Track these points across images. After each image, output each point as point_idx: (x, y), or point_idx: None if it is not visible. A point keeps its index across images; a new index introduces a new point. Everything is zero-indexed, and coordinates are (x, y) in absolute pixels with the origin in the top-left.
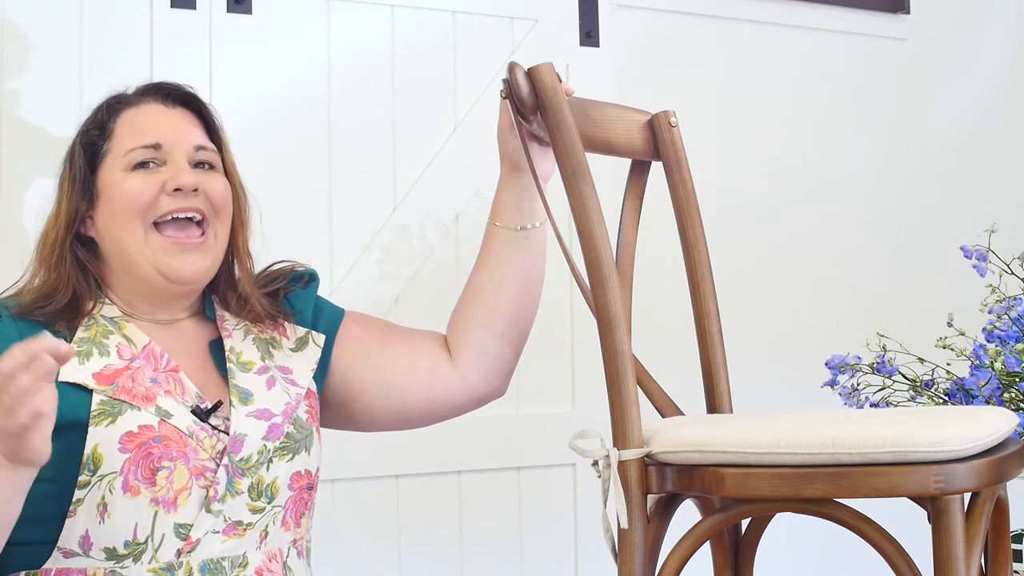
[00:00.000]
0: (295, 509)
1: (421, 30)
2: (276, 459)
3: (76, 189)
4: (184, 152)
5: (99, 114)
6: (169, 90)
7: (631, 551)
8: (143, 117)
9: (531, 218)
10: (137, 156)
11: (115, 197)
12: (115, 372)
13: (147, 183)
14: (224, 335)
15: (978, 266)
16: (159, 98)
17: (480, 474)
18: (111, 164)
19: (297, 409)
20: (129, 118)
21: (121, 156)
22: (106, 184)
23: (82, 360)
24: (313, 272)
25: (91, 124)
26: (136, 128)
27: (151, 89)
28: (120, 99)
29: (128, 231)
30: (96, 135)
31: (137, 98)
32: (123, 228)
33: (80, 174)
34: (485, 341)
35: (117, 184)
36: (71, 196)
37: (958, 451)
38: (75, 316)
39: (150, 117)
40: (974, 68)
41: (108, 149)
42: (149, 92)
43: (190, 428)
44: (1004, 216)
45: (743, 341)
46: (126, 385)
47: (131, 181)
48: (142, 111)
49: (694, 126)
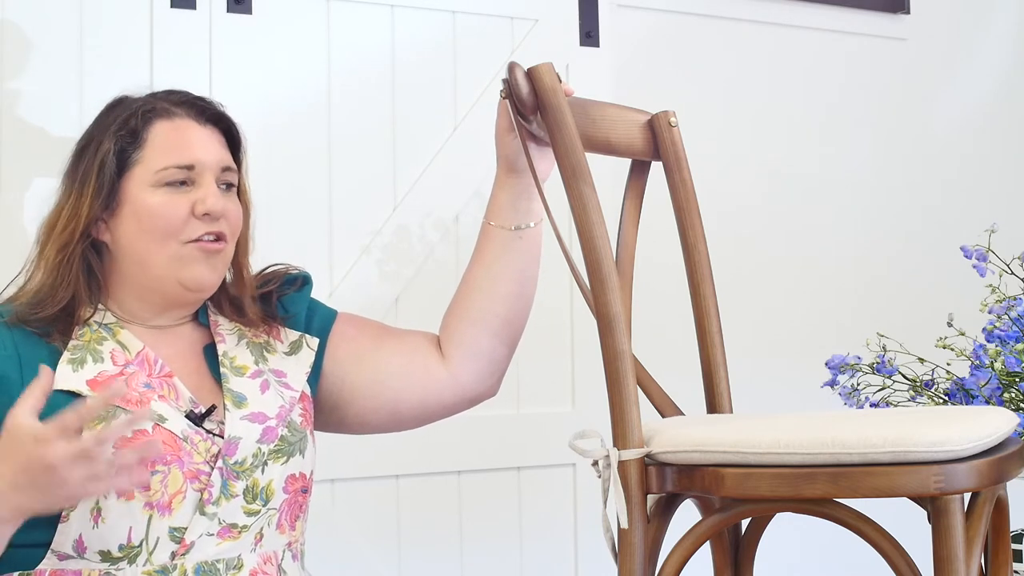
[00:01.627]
0: (290, 512)
1: (421, 30)
2: (271, 462)
3: (101, 197)
4: (213, 174)
5: (131, 121)
6: (203, 107)
7: (631, 551)
8: (178, 134)
9: (526, 218)
10: (170, 175)
11: (143, 213)
12: (109, 379)
13: (178, 204)
14: (218, 340)
15: (978, 266)
16: (193, 113)
17: (480, 474)
18: (140, 176)
19: (291, 412)
20: (163, 131)
21: (153, 172)
22: (132, 196)
23: (76, 367)
24: (307, 275)
25: (122, 128)
26: (171, 145)
27: (185, 102)
28: (153, 107)
29: (156, 248)
30: (128, 142)
31: (171, 109)
32: (150, 245)
33: (109, 181)
34: (478, 340)
35: (145, 200)
36: (92, 202)
37: (958, 451)
38: (70, 324)
39: (185, 135)
40: (974, 68)
41: (138, 159)
42: (183, 105)
43: (184, 432)
44: (1004, 216)
45: (743, 341)
46: None
47: (160, 199)
48: (176, 126)
49: (694, 126)
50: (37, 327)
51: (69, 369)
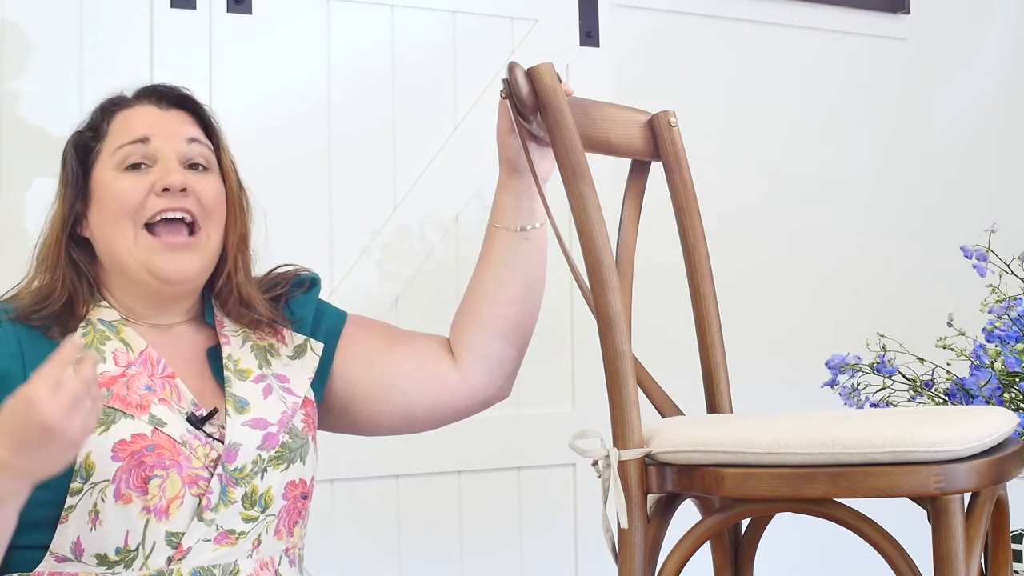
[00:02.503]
0: (288, 518)
1: (421, 30)
2: (271, 468)
3: (69, 190)
4: (174, 151)
5: (94, 116)
6: (163, 92)
7: (631, 551)
8: (135, 117)
9: (531, 219)
10: (126, 152)
11: (105, 198)
12: (110, 380)
13: (137, 183)
14: (223, 341)
15: (978, 266)
16: (153, 100)
17: (480, 474)
18: (103, 164)
19: (293, 418)
20: (122, 118)
21: (111, 154)
22: (98, 184)
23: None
24: (316, 277)
25: (85, 126)
26: (127, 127)
27: (146, 91)
28: (115, 101)
29: (118, 232)
30: (89, 136)
31: (132, 100)
32: (113, 229)
33: (73, 175)
34: (488, 343)
35: (107, 185)
36: (64, 197)
37: (958, 451)
38: (70, 320)
39: (142, 117)
40: (974, 68)
41: (100, 149)
42: (144, 94)
43: (183, 437)
44: (1004, 216)
45: (743, 341)
46: (120, 393)
47: (121, 182)
48: (135, 111)
49: (694, 126)
50: (39, 323)
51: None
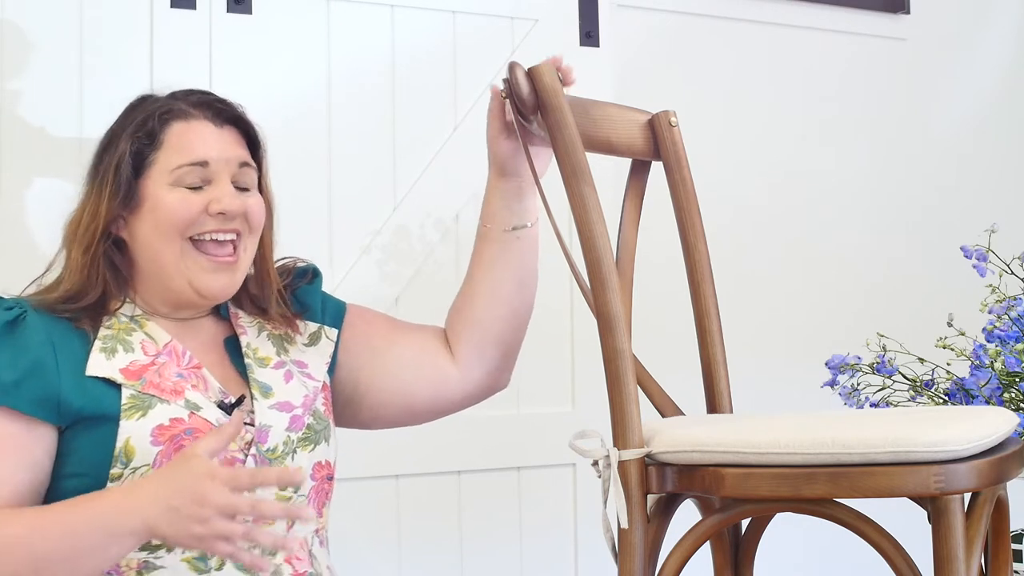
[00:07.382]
0: (317, 499)
1: (421, 30)
2: (299, 449)
3: (120, 197)
4: (229, 172)
5: (150, 122)
6: (219, 108)
7: (631, 551)
8: (193, 134)
9: (521, 218)
10: (184, 173)
11: (158, 210)
12: (141, 368)
13: (192, 201)
14: (239, 332)
15: (978, 266)
16: (210, 115)
17: (480, 474)
18: (157, 176)
19: (315, 401)
20: (178, 132)
21: (168, 171)
22: (149, 195)
23: (108, 356)
24: (315, 267)
25: (139, 130)
26: (185, 144)
27: (201, 103)
28: (171, 109)
29: (166, 243)
30: (145, 144)
31: (188, 111)
32: (161, 240)
33: (125, 182)
34: (484, 340)
35: (161, 198)
36: (111, 203)
37: (958, 451)
38: (100, 314)
39: (200, 134)
40: (974, 68)
41: (155, 160)
42: (200, 106)
43: (219, 420)
44: (1004, 216)
45: (743, 341)
46: (153, 380)
47: (175, 196)
48: (192, 127)
49: (694, 126)
50: (68, 315)
51: (103, 357)
